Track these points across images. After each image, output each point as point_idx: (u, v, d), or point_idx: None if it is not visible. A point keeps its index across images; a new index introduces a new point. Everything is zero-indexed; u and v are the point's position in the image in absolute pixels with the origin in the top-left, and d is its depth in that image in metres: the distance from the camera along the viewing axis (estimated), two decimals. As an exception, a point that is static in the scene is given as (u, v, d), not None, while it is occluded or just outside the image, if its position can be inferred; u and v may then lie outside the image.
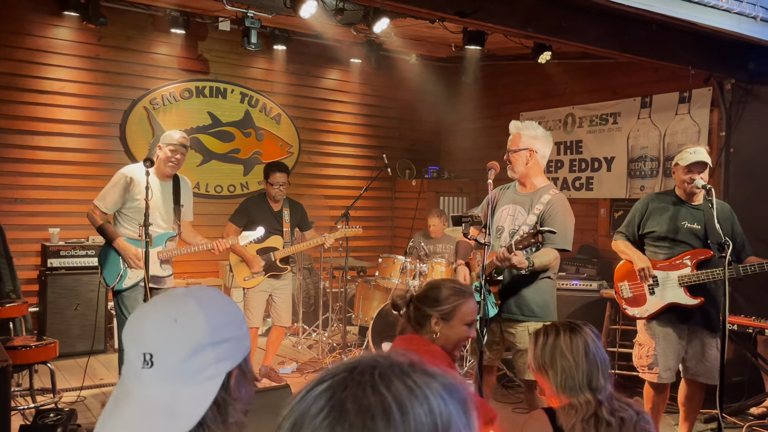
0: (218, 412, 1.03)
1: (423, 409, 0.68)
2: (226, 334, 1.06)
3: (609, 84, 6.56)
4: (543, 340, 2.03)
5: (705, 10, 4.07)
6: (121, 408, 1.01)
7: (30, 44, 5.99)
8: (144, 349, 1.02)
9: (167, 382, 1.01)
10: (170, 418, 0.99)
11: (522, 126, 3.68)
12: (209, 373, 1.03)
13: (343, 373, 0.71)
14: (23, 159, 5.96)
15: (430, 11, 4.00)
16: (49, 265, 5.74)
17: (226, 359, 1.05)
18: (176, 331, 1.02)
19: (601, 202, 6.65)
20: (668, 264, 3.72)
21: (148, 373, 1.01)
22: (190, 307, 1.05)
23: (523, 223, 3.50)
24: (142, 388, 1.01)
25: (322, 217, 7.13)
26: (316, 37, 7.13)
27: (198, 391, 1.01)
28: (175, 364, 1.01)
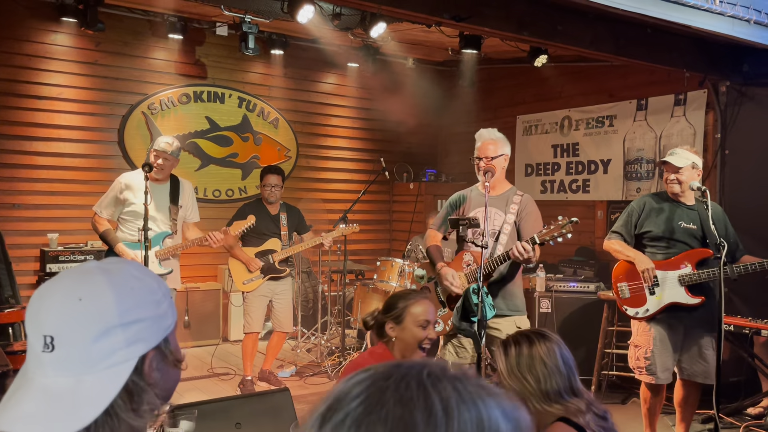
0: (129, 399, 0.93)
1: (470, 415, 0.62)
2: (139, 313, 0.95)
3: (605, 87, 6.59)
4: (516, 349, 1.97)
5: (699, 13, 4.11)
6: (19, 397, 0.90)
7: (28, 50, 6.01)
8: (44, 331, 0.90)
9: (69, 368, 0.90)
10: (72, 407, 0.88)
11: (493, 132, 3.78)
12: (118, 358, 0.92)
13: (389, 367, 0.67)
14: (22, 164, 5.98)
15: (426, 16, 4.03)
16: (48, 270, 5.76)
17: (140, 341, 0.94)
18: (81, 312, 0.91)
19: (597, 204, 6.67)
20: (668, 263, 3.75)
21: (48, 357, 0.90)
22: (98, 284, 0.94)
23: (503, 222, 3.64)
24: (42, 374, 0.91)
25: (320, 220, 7.15)
26: (313, 42, 7.15)
27: (105, 378, 0.91)
28: (79, 348, 0.90)
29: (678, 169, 3.69)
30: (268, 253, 5.17)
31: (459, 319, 3.48)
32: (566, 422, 1.87)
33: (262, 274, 5.15)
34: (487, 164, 3.65)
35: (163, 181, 4.53)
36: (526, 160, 7.35)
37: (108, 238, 4.41)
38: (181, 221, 4.61)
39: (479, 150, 3.72)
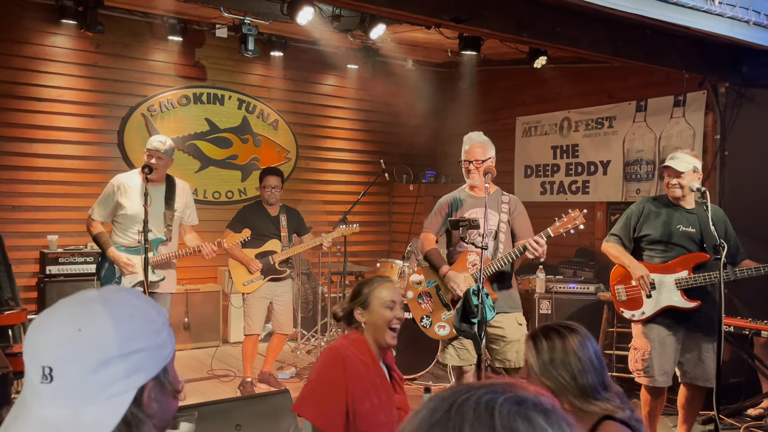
0: (126, 429, 0.92)
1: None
2: (139, 343, 0.94)
3: (604, 88, 6.60)
4: (548, 344, 1.88)
5: (698, 14, 4.11)
6: (17, 427, 0.90)
7: (28, 52, 6.01)
8: (43, 362, 0.90)
9: (68, 400, 0.89)
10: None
11: (480, 135, 3.91)
12: (117, 389, 0.91)
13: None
14: (21, 166, 5.98)
15: (425, 17, 4.03)
16: (48, 272, 5.75)
17: (140, 371, 0.94)
18: (80, 342, 0.90)
19: (597, 205, 6.67)
20: (665, 267, 3.74)
21: (46, 389, 0.89)
22: (98, 313, 0.93)
23: (498, 221, 3.77)
24: (40, 405, 0.90)
25: (320, 222, 7.15)
26: (312, 44, 7.16)
27: (103, 410, 0.90)
28: (78, 379, 0.89)
29: (680, 173, 3.68)
30: (268, 255, 5.17)
31: (459, 320, 3.48)
32: (613, 420, 1.79)
33: (262, 275, 5.15)
34: (473, 169, 3.79)
35: (158, 182, 4.44)
36: (526, 161, 7.36)
37: (101, 241, 4.36)
38: (176, 226, 4.54)
39: (468, 153, 3.84)
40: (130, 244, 4.36)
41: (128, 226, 4.34)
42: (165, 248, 4.42)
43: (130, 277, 4.30)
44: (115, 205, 4.35)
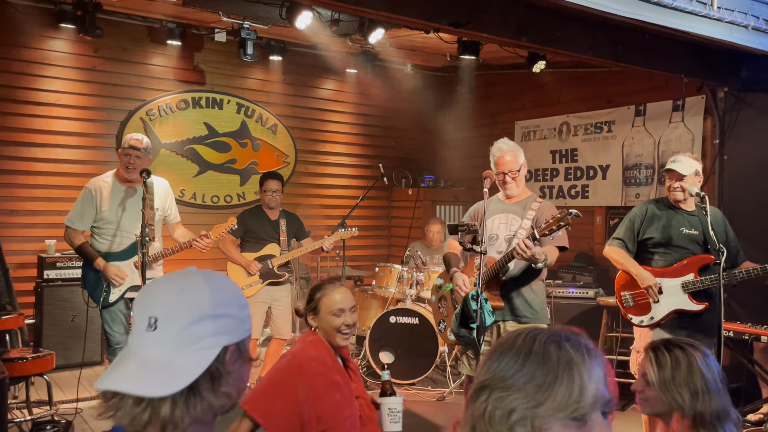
0: (210, 380, 1.09)
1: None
2: (227, 310, 1.13)
3: (603, 92, 6.60)
4: (671, 358, 1.75)
5: (697, 19, 4.11)
6: (122, 364, 1.09)
7: (26, 56, 6.01)
8: (150, 313, 1.09)
9: (167, 346, 1.07)
10: (164, 376, 1.05)
11: (509, 144, 3.80)
12: (206, 344, 1.09)
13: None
14: (20, 171, 5.97)
15: (424, 22, 4.03)
16: (46, 276, 5.73)
17: (225, 333, 1.11)
18: (181, 300, 1.10)
19: (596, 210, 6.67)
20: (670, 270, 3.73)
21: (151, 335, 1.08)
22: (197, 281, 1.14)
23: (519, 227, 3.64)
24: (143, 348, 1.08)
25: (318, 226, 7.13)
26: (311, 48, 7.16)
27: (193, 358, 1.07)
28: (177, 330, 1.08)
29: (683, 177, 3.68)
30: (266, 258, 5.16)
31: (458, 325, 3.47)
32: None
33: (261, 279, 5.13)
34: (512, 176, 3.71)
35: (135, 183, 4.26)
36: (525, 165, 7.35)
37: (86, 252, 4.15)
38: (158, 225, 4.37)
39: (499, 165, 3.73)
40: (113, 249, 4.20)
41: (109, 230, 4.18)
42: (150, 249, 4.22)
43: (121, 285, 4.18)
44: (94, 211, 4.17)
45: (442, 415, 4.83)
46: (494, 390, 0.97)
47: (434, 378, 5.58)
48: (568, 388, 0.95)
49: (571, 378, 0.96)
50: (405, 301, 5.71)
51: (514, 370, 0.97)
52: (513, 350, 1.00)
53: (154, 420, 1.06)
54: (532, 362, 0.97)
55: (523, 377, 0.97)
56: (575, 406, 0.95)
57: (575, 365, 0.98)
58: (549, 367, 0.97)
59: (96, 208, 4.18)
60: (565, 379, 0.96)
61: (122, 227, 4.18)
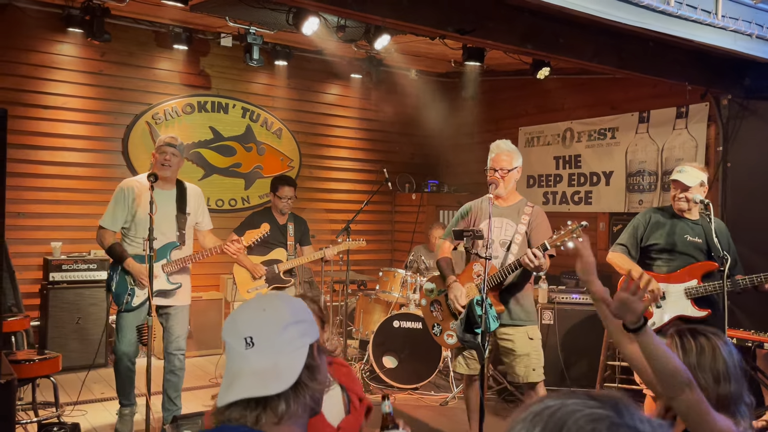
0: (310, 372, 1.32)
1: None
2: (303, 316, 1.37)
3: (607, 99, 6.63)
4: (696, 343, 1.84)
5: (701, 28, 4.14)
6: (238, 381, 1.28)
7: (34, 60, 6.06)
8: (244, 335, 1.30)
9: (268, 355, 1.29)
10: (277, 377, 1.27)
11: (508, 144, 3.84)
12: (297, 345, 1.32)
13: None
14: (26, 173, 6.00)
15: (430, 29, 4.06)
16: (51, 278, 5.76)
17: (307, 334, 1.35)
18: (266, 317, 1.33)
19: (599, 216, 6.69)
20: (674, 276, 3.75)
21: (251, 352, 1.29)
22: (273, 299, 1.38)
23: (514, 232, 3.69)
24: (248, 364, 1.28)
25: (323, 230, 7.16)
26: (317, 53, 7.21)
27: (292, 358, 1.30)
28: (271, 340, 1.30)
29: (688, 188, 3.70)
30: (273, 263, 5.17)
31: (462, 330, 3.49)
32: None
33: (266, 283, 5.15)
34: (501, 175, 3.71)
35: (169, 185, 4.26)
36: (528, 171, 7.37)
37: (116, 252, 4.12)
38: (190, 231, 4.35)
39: (493, 161, 3.76)
40: (141, 252, 4.09)
41: (140, 233, 4.11)
42: (179, 253, 4.23)
43: (144, 288, 4.11)
44: (126, 211, 4.13)
45: (445, 420, 4.84)
46: None
47: (437, 383, 5.59)
48: None
49: None
50: (408, 305, 5.73)
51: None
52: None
53: (268, 419, 1.27)
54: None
55: None
56: None
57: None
58: None
59: (128, 208, 4.15)
60: None
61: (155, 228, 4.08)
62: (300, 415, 1.32)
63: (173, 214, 4.25)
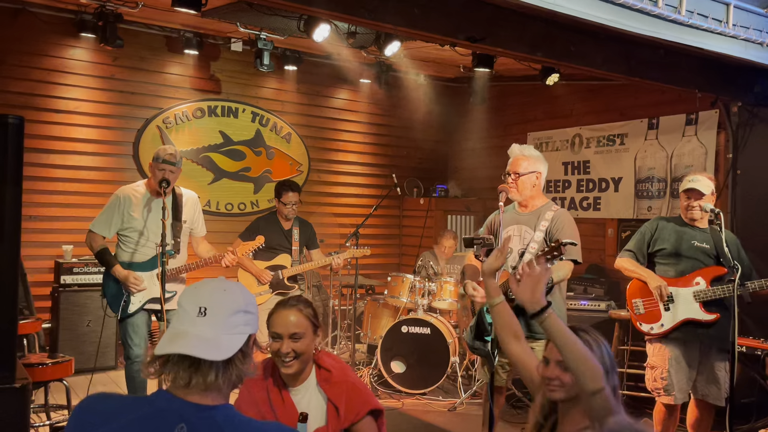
0: (242, 356, 1.48)
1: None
2: (253, 308, 1.54)
3: (616, 105, 6.63)
4: (582, 340, 1.94)
5: (713, 36, 4.14)
6: (178, 339, 1.42)
7: (47, 64, 6.11)
8: (201, 304, 1.46)
9: (215, 328, 1.45)
10: (217, 348, 1.42)
11: (525, 149, 3.77)
12: (240, 330, 1.48)
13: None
14: (38, 177, 6.05)
15: (441, 37, 4.07)
16: (62, 281, 5.80)
17: (249, 325, 1.51)
18: (225, 296, 1.49)
19: (608, 222, 6.69)
20: (683, 280, 3.76)
21: (202, 320, 1.45)
22: (233, 285, 1.54)
23: (531, 240, 3.59)
24: (195, 329, 1.44)
25: (331, 235, 7.19)
26: (326, 58, 7.24)
27: (233, 338, 1.46)
28: (221, 317, 1.46)
29: (702, 196, 3.72)
30: (277, 269, 5.19)
31: (473, 338, 3.49)
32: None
33: (270, 289, 5.17)
34: (513, 180, 3.64)
35: (166, 194, 4.19)
36: (537, 177, 7.38)
37: (104, 258, 4.13)
38: (185, 238, 4.36)
39: (509, 165, 3.71)
40: (136, 259, 4.18)
41: (134, 240, 4.16)
42: (173, 262, 4.22)
43: (140, 294, 4.15)
44: (121, 219, 4.15)
45: (453, 425, 4.85)
46: None
47: (445, 388, 5.60)
48: None
49: None
50: (417, 311, 5.75)
51: None
52: None
53: (197, 383, 1.40)
54: None
55: None
56: None
57: None
58: None
59: (123, 216, 4.15)
60: None
61: (149, 238, 4.15)
62: (223, 389, 1.44)
63: (169, 223, 4.19)
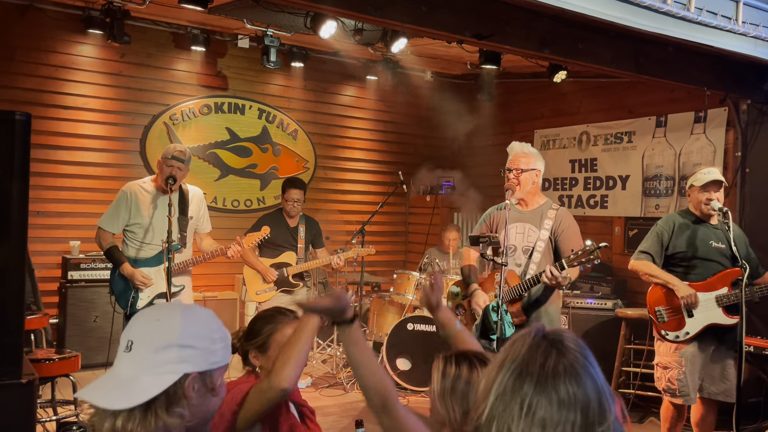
0: (166, 401, 1.23)
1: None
2: (194, 342, 1.28)
3: (624, 103, 6.59)
4: (455, 370, 1.69)
5: (722, 34, 4.11)
6: (102, 378, 1.27)
7: (54, 61, 6.13)
8: (129, 337, 1.27)
9: (135, 366, 1.24)
10: (126, 393, 1.22)
11: (525, 146, 3.76)
12: (169, 369, 1.24)
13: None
14: (46, 173, 6.08)
15: (448, 34, 4.06)
16: (70, 277, 5.83)
17: (188, 362, 1.26)
18: (155, 329, 1.27)
19: (615, 220, 6.66)
20: (704, 284, 3.73)
21: (126, 355, 1.26)
22: (174, 313, 1.30)
23: (537, 239, 3.57)
24: (119, 366, 1.27)
25: (337, 232, 7.19)
26: (333, 55, 7.23)
27: (155, 380, 1.23)
28: (146, 353, 1.24)
29: (721, 184, 3.72)
30: (282, 266, 5.20)
31: (478, 336, 3.49)
32: None
33: (275, 286, 5.17)
34: (516, 176, 3.62)
35: (173, 191, 4.19)
36: (544, 174, 7.28)
37: (113, 256, 4.14)
38: (191, 233, 4.37)
39: (510, 162, 3.69)
40: (142, 255, 4.19)
41: (140, 236, 4.17)
42: (180, 256, 4.23)
43: (148, 290, 4.16)
44: (128, 214, 4.15)
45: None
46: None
47: (451, 386, 5.59)
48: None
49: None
50: (422, 308, 5.74)
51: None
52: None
53: (111, 427, 1.21)
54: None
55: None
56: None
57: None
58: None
59: (129, 212, 4.16)
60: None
61: (155, 233, 4.15)
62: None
63: (175, 218, 4.19)
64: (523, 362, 1.01)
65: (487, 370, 1.07)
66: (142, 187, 4.25)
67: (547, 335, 1.05)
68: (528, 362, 1.00)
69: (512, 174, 3.64)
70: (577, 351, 1.02)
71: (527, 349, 1.02)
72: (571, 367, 0.99)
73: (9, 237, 2.48)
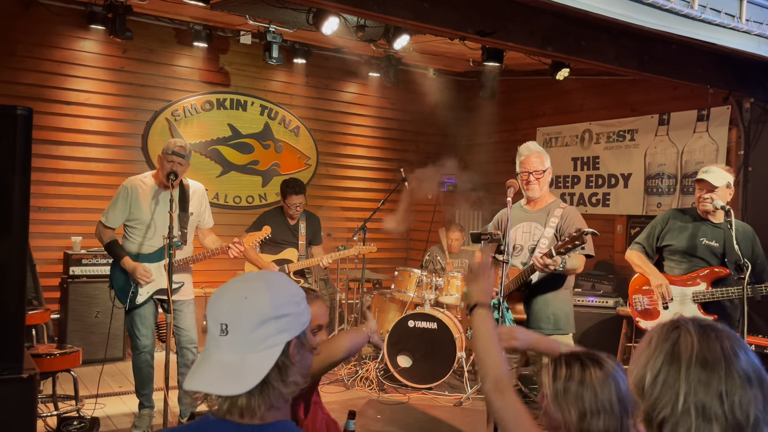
0: (279, 372, 1.25)
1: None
2: (286, 309, 1.28)
3: (626, 101, 6.58)
4: (566, 371, 1.66)
5: (725, 31, 4.10)
6: (204, 366, 1.26)
7: (57, 56, 6.13)
8: (221, 320, 1.25)
9: (237, 348, 1.24)
10: (239, 376, 1.22)
11: (536, 146, 3.73)
12: (271, 342, 1.25)
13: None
14: (48, 168, 6.08)
15: (451, 30, 4.06)
16: (71, 272, 5.83)
17: (286, 331, 1.27)
18: (246, 306, 1.25)
19: (617, 218, 6.65)
20: (683, 279, 3.74)
21: (224, 340, 1.25)
22: (258, 286, 1.29)
23: (541, 236, 3.56)
24: (218, 351, 1.25)
25: (339, 228, 7.19)
26: (335, 51, 7.22)
27: (262, 357, 1.24)
28: (245, 333, 1.24)
29: (714, 188, 3.66)
30: (284, 263, 5.20)
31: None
32: None
33: None
34: (536, 177, 3.59)
35: (173, 187, 4.18)
36: (546, 172, 7.34)
37: (114, 251, 4.15)
38: (192, 230, 4.36)
39: (524, 164, 3.64)
40: (143, 250, 4.19)
41: (141, 231, 4.17)
42: (180, 253, 4.21)
43: (148, 286, 4.16)
44: (129, 209, 4.15)
45: (458, 420, 4.85)
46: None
47: (452, 383, 5.60)
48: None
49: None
50: (424, 305, 5.74)
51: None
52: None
53: (233, 409, 1.25)
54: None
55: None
56: None
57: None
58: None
59: (129, 207, 4.16)
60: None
61: (156, 229, 4.15)
62: (270, 410, 1.26)
63: (176, 214, 4.16)
64: (700, 353, 1.17)
65: (650, 370, 1.24)
66: (142, 182, 4.24)
67: (695, 322, 1.20)
68: (706, 352, 1.15)
69: (532, 177, 3.60)
70: (726, 331, 1.20)
71: (698, 340, 1.18)
72: (738, 344, 1.16)
73: (10, 232, 2.48)
